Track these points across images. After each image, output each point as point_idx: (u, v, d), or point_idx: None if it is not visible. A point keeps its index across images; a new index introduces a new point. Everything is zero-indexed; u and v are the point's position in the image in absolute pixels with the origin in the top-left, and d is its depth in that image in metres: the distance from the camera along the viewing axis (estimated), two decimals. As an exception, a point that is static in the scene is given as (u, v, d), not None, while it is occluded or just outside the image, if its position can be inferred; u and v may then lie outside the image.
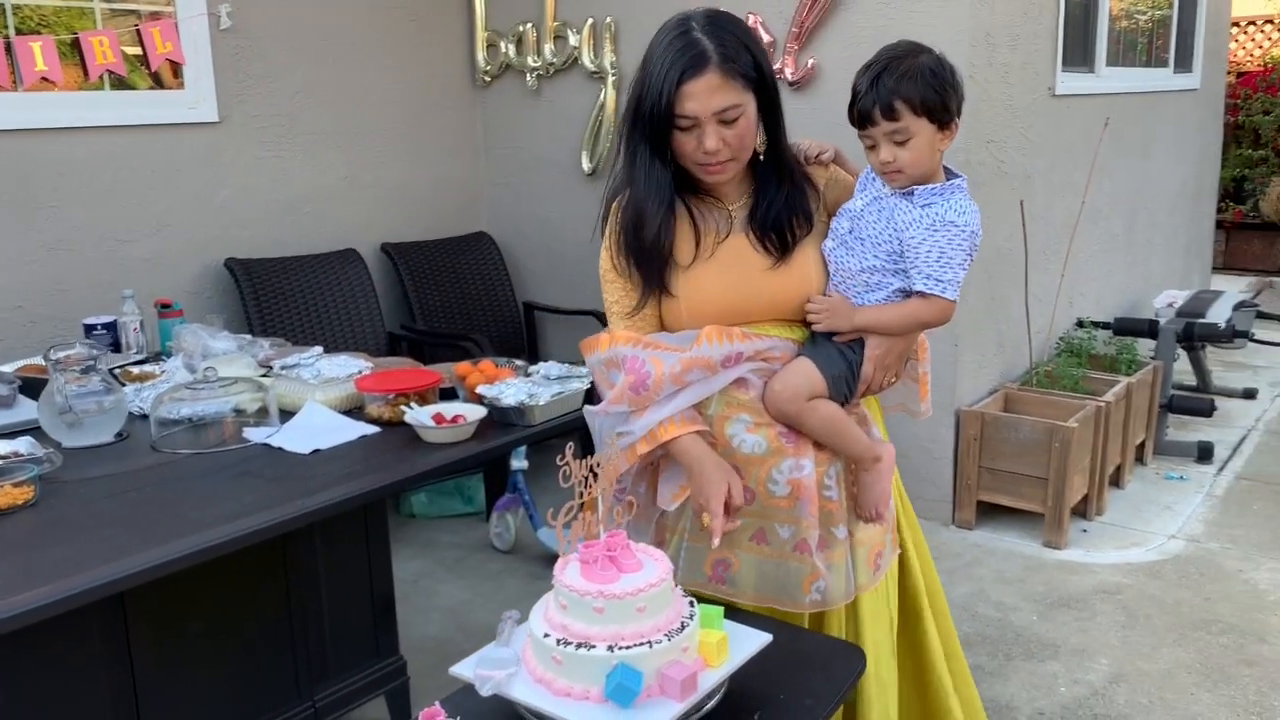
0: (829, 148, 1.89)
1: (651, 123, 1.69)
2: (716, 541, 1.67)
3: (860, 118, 1.71)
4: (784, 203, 1.78)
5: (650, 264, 1.78)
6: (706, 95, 1.65)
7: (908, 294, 1.77)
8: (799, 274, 1.79)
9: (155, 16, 3.68)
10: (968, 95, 1.73)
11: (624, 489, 1.89)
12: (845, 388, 1.79)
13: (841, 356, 1.79)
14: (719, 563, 1.80)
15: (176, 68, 3.77)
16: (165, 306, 3.13)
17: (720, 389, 1.77)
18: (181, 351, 2.71)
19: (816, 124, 2.47)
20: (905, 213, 1.72)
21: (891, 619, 1.92)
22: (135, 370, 2.76)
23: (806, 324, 1.81)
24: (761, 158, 1.79)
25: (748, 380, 1.77)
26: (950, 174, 1.76)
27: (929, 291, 1.72)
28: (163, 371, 2.72)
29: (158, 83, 3.78)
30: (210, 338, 2.76)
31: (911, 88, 1.65)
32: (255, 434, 2.30)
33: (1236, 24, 9.21)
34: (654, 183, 1.75)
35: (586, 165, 4.53)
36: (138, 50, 3.66)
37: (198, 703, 2.27)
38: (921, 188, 1.72)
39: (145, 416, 2.42)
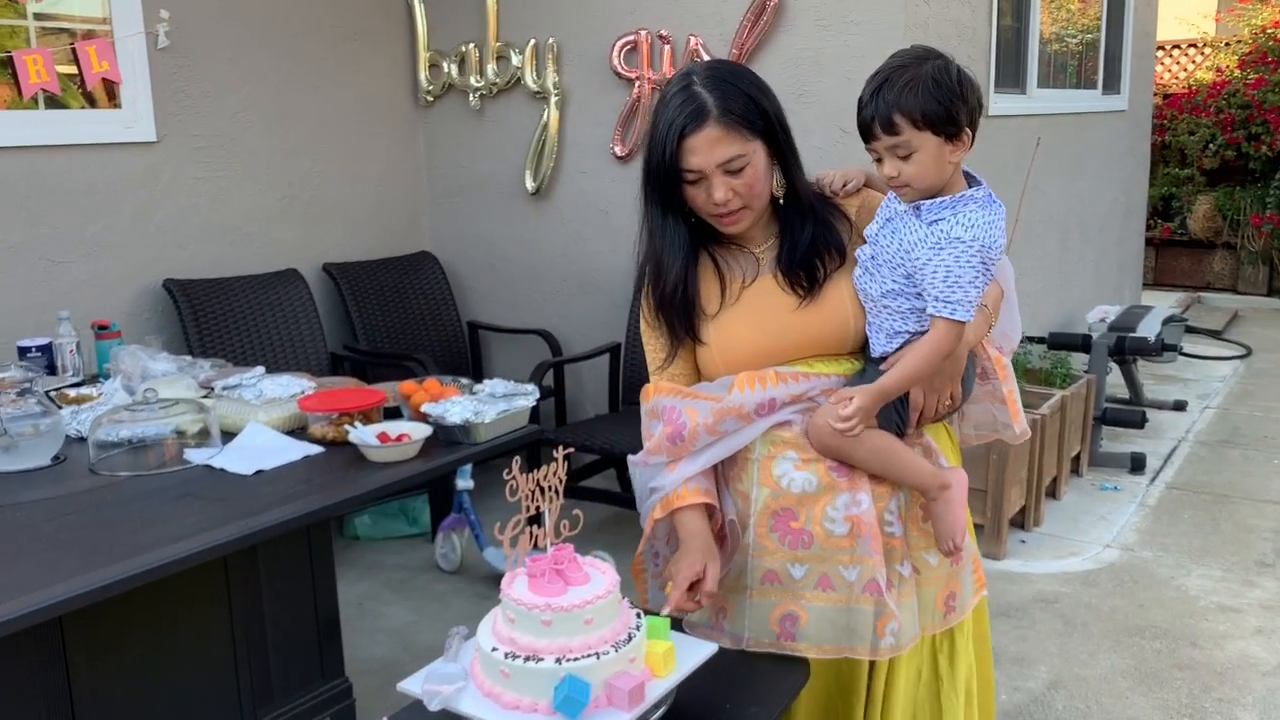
0: (854, 175, 1.84)
1: (660, 178, 1.70)
2: (665, 611, 1.61)
3: (862, 132, 1.65)
4: (810, 240, 1.74)
5: (675, 315, 1.78)
6: (708, 148, 1.64)
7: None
8: (831, 308, 1.74)
9: (90, 35, 3.64)
10: None
11: (657, 553, 1.89)
12: (896, 416, 1.71)
13: None
14: (786, 617, 1.73)
15: (113, 87, 3.73)
16: (102, 328, 3.08)
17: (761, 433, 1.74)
18: (120, 373, 2.67)
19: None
20: (913, 231, 1.64)
21: (921, 673, 1.82)
22: (72, 393, 2.71)
23: (852, 355, 1.76)
24: (781, 201, 1.76)
25: (790, 419, 1.74)
26: (972, 180, 1.68)
27: (937, 315, 1.63)
28: (101, 394, 2.67)
29: (91, 102, 3.73)
30: (149, 359, 2.72)
31: (912, 100, 1.57)
32: (197, 455, 2.28)
33: (1162, 47, 9.51)
34: (669, 236, 1.76)
35: (530, 185, 4.55)
36: (73, 69, 3.61)
37: (138, 729, 2.23)
38: (929, 202, 1.63)
39: (83, 439, 2.38)
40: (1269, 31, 8.81)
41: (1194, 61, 9.79)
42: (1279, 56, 8.71)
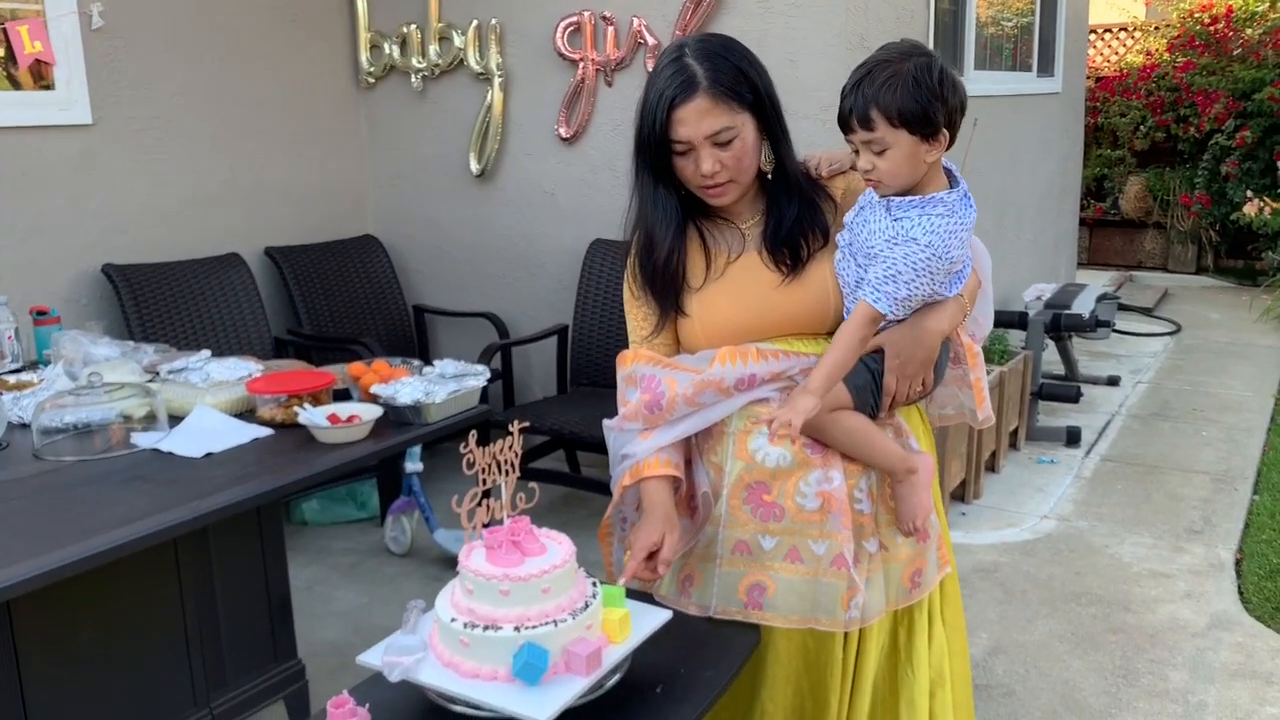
0: (840, 158, 1.84)
1: (651, 149, 1.71)
2: (621, 581, 1.65)
3: (841, 124, 1.65)
4: (796, 218, 1.76)
5: (664, 287, 1.79)
6: (697, 119, 1.66)
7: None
8: (814, 287, 1.76)
9: (16, 16, 3.55)
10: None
11: (625, 518, 1.91)
12: (871, 398, 1.74)
13: (865, 367, 1.73)
14: (754, 587, 1.76)
15: (45, 69, 3.65)
16: (41, 314, 3.04)
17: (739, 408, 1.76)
18: (62, 359, 2.64)
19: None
20: (878, 220, 1.66)
21: (882, 646, 1.85)
22: (12, 379, 2.67)
23: (830, 335, 1.76)
24: (770, 176, 1.78)
25: (768, 397, 1.76)
26: (952, 178, 1.69)
27: (863, 298, 1.65)
28: (42, 379, 2.64)
29: (15, 85, 3.64)
30: (91, 344, 2.69)
31: (889, 97, 1.56)
32: (144, 439, 2.26)
33: (1094, 31, 9.71)
34: (660, 207, 1.76)
35: (475, 166, 4.54)
36: (1, 51, 3.53)
37: (90, 713, 2.22)
38: (899, 199, 1.64)
39: (26, 425, 2.35)
40: (1196, 16, 9.04)
41: (1125, 45, 10.01)
42: (1206, 40, 8.94)
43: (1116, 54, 10.00)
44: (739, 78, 1.68)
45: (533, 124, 4.41)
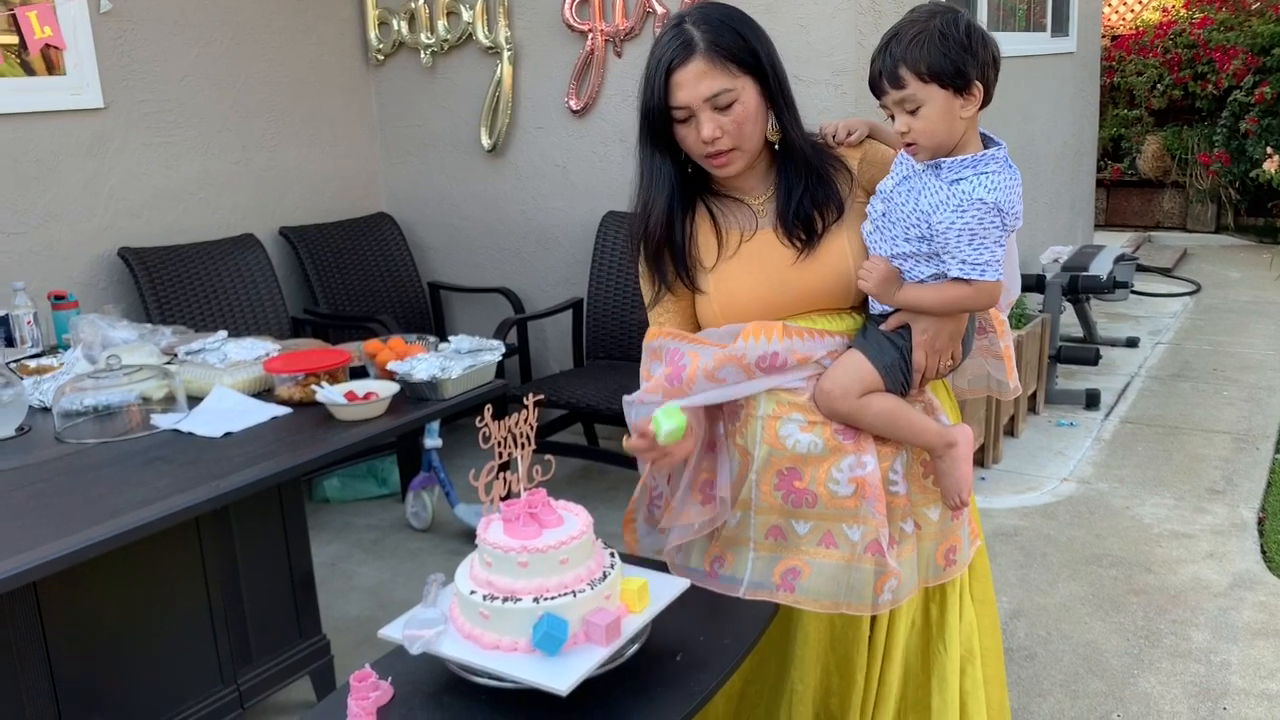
0: (857, 126, 1.82)
1: (652, 118, 1.70)
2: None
3: (872, 87, 1.63)
4: (806, 191, 1.73)
5: (659, 255, 1.78)
6: (694, 82, 1.65)
7: (942, 279, 1.66)
8: (830, 261, 1.73)
9: (28, 2, 3.56)
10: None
11: (659, 493, 1.89)
12: (901, 376, 1.70)
13: (892, 345, 1.70)
14: (789, 571, 1.74)
15: (56, 54, 3.66)
16: (59, 298, 3.06)
17: (765, 390, 1.74)
18: (80, 342, 2.65)
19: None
20: (934, 192, 1.61)
21: (914, 622, 1.85)
22: (32, 364, 2.70)
23: (854, 310, 1.76)
24: (776, 147, 1.76)
25: (797, 386, 1.72)
26: (989, 142, 1.65)
27: (967, 277, 1.61)
28: (62, 363, 2.66)
29: (29, 72, 3.64)
30: (109, 327, 2.71)
31: (917, 53, 1.55)
32: (164, 420, 2.28)
33: (1109, -11, 9.58)
34: (656, 174, 1.75)
35: (486, 142, 4.52)
36: (13, 38, 3.54)
37: (118, 692, 2.25)
38: (951, 160, 1.60)
39: (47, 409, 2.37)
40: (1213, -30, 8.91)
41: (1140, 2, 9.87)
42: (1223, -5, 8.81)
43: (1132, 11, 9.86)
44: (738, 41, 1.67)
45: (543, 97, 4.39)
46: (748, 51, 1.68)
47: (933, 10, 1.59)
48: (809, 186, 1.74)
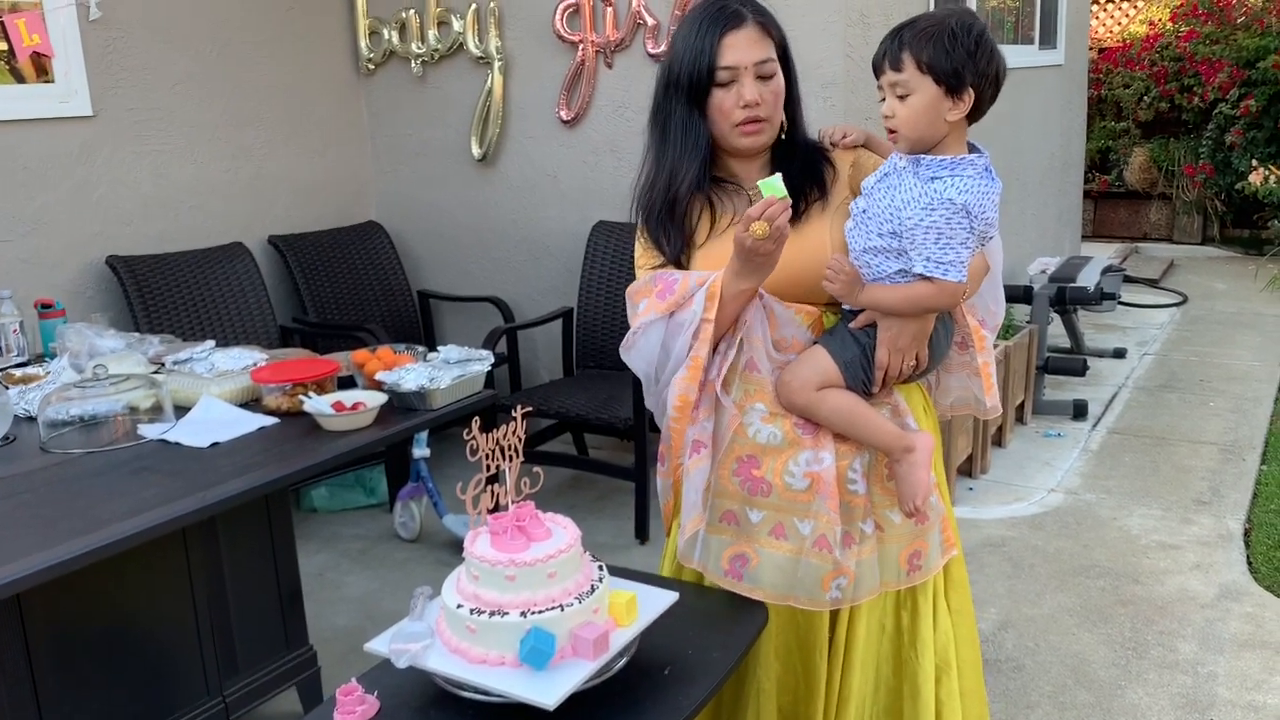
0: (854, 131, 1.88)
1: (691, 84, 1.74)
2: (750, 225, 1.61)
3: (874, 66, 1.69)
4: (798, 175, 1.78)
5: (677, 226, 1.80)
6: (747, 46, 1.73)
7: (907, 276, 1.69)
8: (812, 246, 1.75)
9: (15, 8, 3.55)
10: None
11: (699, 438, 1.81)
12: (862, 373, 1.73)
13: (855, 341, 1.72)
14: (737, 558, 1.77)
15: (44, 61, 3.65)
16: (46, 307, 3.04)
17: (741, 367, 1.77)
18: (67, 351, 2.64)
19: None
20: (909, 189, 1.64)
21: (884, 627, 1.86)
22: (18, 373, 2.68)
23: (829, 307, 1.78)
24: (783, 137, 1.82)
25: (757, 365, 1.76)
26: (973, 149, 1.69)
27: (929, 274, 1.64)
28: (48, 372, 2.65)
29: (18, 79, 3.63)
30: (97, 336, 2.70)
31: (922, 44, 1.61)
32: (150, 430, 2.27)
33: (1096, 2, 9.64)
34: (691, 135, 1.77)
35: (476, 151, 4.53)
36: (1, 45, 3.52)
37: (103, 704, 2.24)
38: (930, 159, 1.64)
39: (32, 419, 2.36)
40: (1200, -16, 8.97)
41: (1127, 15, 9.93)
42: (1209, 9, 8.87)
43: (1119, 24, 9.92)
44: (776, 25, 1.78)
45: (533, 107, 4.40)
46: (781, 37, 1.78)
47: (955, 12, 1.65)
48: (801, 170, 1.80)
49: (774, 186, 1.61)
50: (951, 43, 1.60)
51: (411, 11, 4.52)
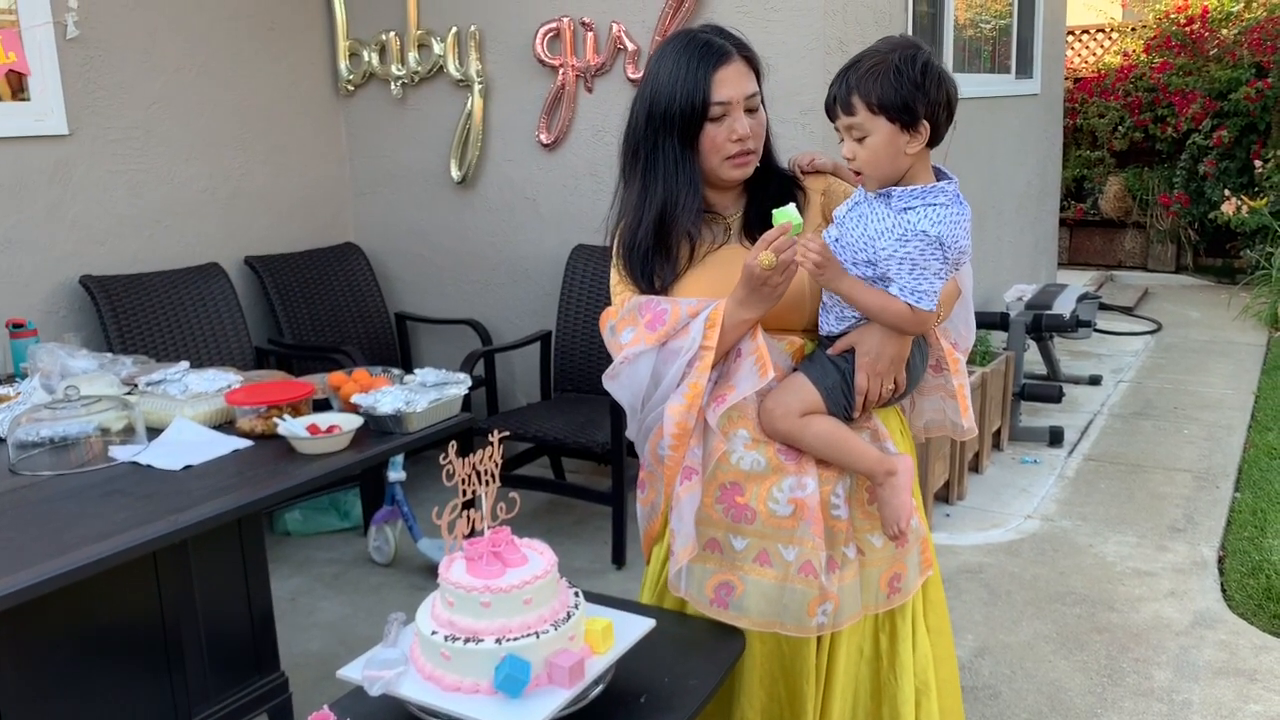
0: (822, 158, 1.91)
1: (683, 120, 1.75)
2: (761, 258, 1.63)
3: (826, 109, 1.70)
4: (772, 203, 1.76)
5: (674, 260, 1.80)
6: (736, 81, 1.75)
7: None
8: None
9: (-5, 26, 3.53)
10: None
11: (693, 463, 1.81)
12: (843, 398, 1.74)
13: (835, 367, 1.74)
14: (721, 586, 1.77)
15: (20, 79, 3.62)
16: (18, 326, 3.00)
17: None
18: (38, 372, 2.61)
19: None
20: (881, 219, 1.66)
21: (863, 652, 1.86)
22: (-12, 393, 2.65)
23: (806, 331, 1.80)
24: (759, 165, 1.84)
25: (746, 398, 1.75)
26: (941, 175, 1.71)
27: (905, 301, 1.66)
28: (18, 393, 2.61)
29: None
30: (69, 357, 2.66)
31: (870, 84, 1.61)
32: (122, 452, 2.24)
33: (1072, 33, 9.76)
34: (685, 172, 1.78)
35: (455, 173, 4.52)
36: (-24, 61, 3.51)
37: (69, 732, 2.20)
38: (901, 189, 1.66)
39: (2, 440, 2.33)
40: (1172, 16, 9.10)
41: (1102, 46, 10.06)
42: (1182, 41, 9.00)
43: (1094, 55, 10.05)
44: (754, 54, 1.80)
45: (513, 130, 4.40)
46: (759, 66, 1.81)
47: (896, 44, 1.65)
48: (771, 195, 1.82)
49: (789, 214, 1.63)
50: (898, 78, 1.61)
51: (392, 34, 4.53)
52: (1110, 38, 10.02)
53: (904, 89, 1.60)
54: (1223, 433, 4.96)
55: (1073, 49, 9.95)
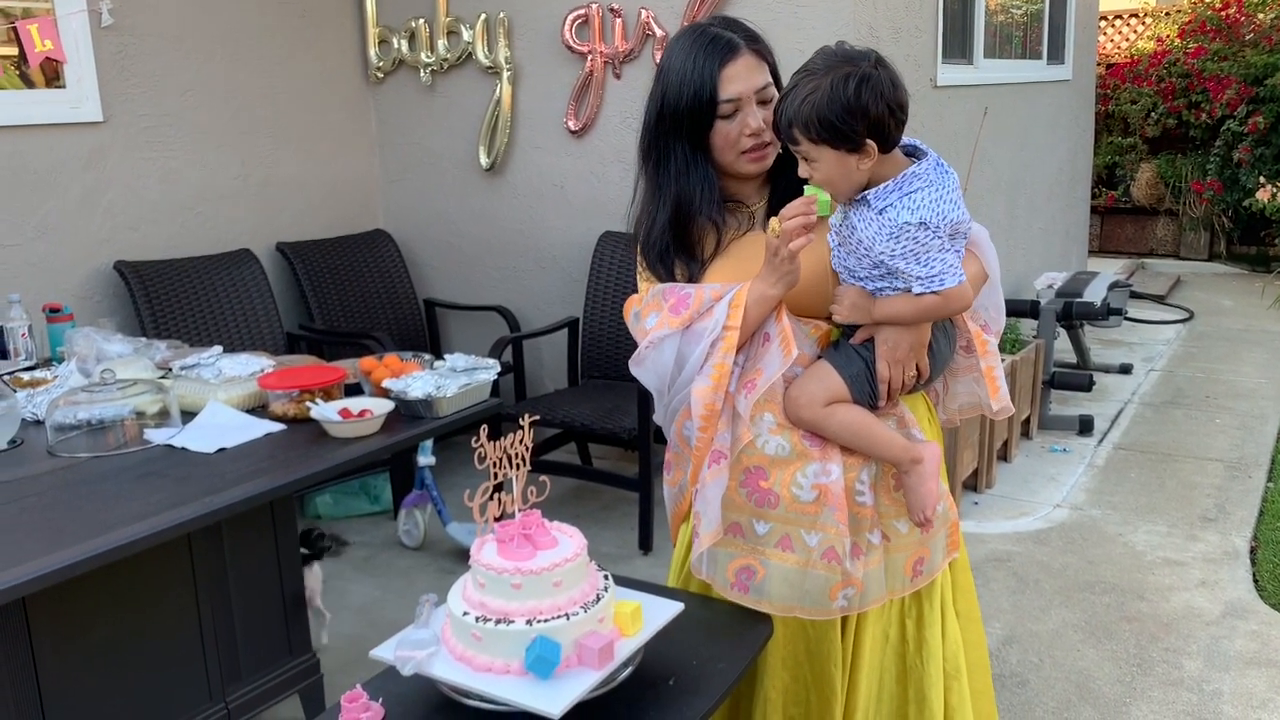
0: None
1: (692, 119, 1.73)
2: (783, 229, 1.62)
3: (775, 133, 1.69)
4: (791, 186, 1.75)
5: (695, 253, 1.80)
6: (747, 75, 1.72)
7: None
8: (813, 260, 1.72)
9: (29, 14, 3.57)
10: None
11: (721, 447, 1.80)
12: (867, 386, 1.73)
13: (858, 355, 1.73)
14: (743, 570, 1.77)
15: (56, 67, 3.67)
16: (54, 311, 3.05)
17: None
18: (75, 356, 2.65)
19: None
20: (868, 223, 1.63)
21: (888, 636, 1.85)
22: (25, 376, 2.69)
23: (828, 319, 1.77)
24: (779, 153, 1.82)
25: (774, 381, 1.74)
26: (913, 152, 1.69)
27: (927, 291, 1.64)
28: (55, 376, 2.65)
29: (28, 84, 3.65)
30: (104, 341, 2.70)
31: (806, 113, 1.58)
32: (157, 435, 2.28)
33: (1104, 18, 9.64)
34: (699, 173, 1.77)
35: (484, 160, 4.54)
36: (13, 50, 3.54)
37: (106, 709, 2.23)
38: (875, 190, 1.63)
39: (40, 422, 2.37)
40: (1207, 1, 8.97)
41: (1135, 31, 9.94)
42: (1217, 25, 8.87)
43: (1127, 40, 9.93)
44: (765, 44, 1.77)
45: (541, 117, 4.41)
46: (771, 57, 1.78)
47: (831, 62, 1.60)
48: (794, 182, 1.77)
49: (817, 188, 1.62)
50: (831, 105, 1.56)
51: (421, 21, 4.54)
52: (1144, 22, 9.89)
53: (838, 115, 1.56)
54: (1255, 422, 4.91)
55: (1105, 34, 9.84)
